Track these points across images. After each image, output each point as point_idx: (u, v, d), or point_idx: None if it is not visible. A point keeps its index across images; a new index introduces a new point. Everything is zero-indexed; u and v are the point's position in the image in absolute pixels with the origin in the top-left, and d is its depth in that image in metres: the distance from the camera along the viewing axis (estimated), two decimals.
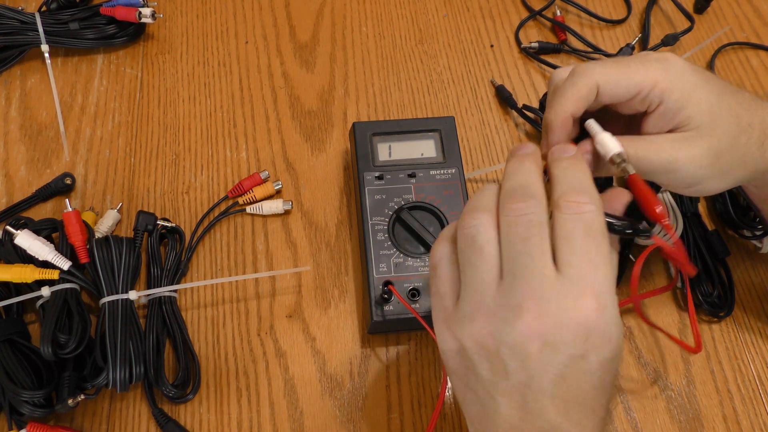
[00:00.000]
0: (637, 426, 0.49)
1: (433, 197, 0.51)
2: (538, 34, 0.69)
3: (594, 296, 0.30)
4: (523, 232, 0.31)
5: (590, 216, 0.31)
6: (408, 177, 0.52)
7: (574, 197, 0.31)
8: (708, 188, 0.39)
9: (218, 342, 0.51)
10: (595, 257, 0.31)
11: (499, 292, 0.31)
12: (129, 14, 0.60)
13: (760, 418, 0.50)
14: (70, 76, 0.62)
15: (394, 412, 0.49)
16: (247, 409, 0.48)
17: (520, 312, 0.30)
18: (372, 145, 0.53)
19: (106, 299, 0.47)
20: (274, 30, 0.67)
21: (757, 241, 0.56)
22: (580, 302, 0.30)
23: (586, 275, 0.30)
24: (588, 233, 0.31)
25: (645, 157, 0.37)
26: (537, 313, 0.30)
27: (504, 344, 0.31)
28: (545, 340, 0.30)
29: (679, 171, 0.37)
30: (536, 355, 0.30)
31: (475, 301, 0.32)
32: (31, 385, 0.43)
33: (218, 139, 0.60)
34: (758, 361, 0.52)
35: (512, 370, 0.31)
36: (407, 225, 0.50)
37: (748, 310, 0.54)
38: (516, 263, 0.31)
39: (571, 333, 0.30)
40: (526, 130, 0.62)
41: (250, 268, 0.54)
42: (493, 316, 0.31)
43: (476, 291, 0.32)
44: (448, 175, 0.52)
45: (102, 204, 0.56)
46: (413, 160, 0.53)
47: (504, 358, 0.31)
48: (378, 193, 0.51)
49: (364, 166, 0.52)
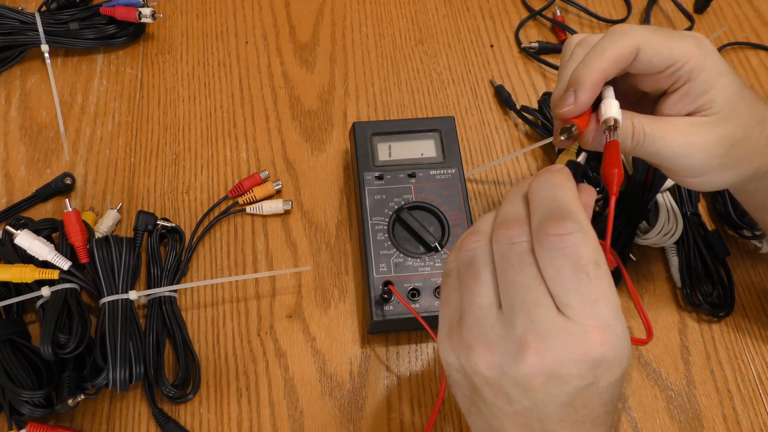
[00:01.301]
0: (637, 426, 0.49)
1: (433, 197, 0.51)
2: (538, 34, 0.69)
3: (599, 330, 0.28)
4: (516, 262, 0.29)
5: (576, 249, 0.28)
6: (408, 177, 0.52)
7: (553, 229, 0.28)
8: (714, 180, 0.39)
9: (218, 342, 0.51)
10: (593, 292, 0.28)
11: (498, 322, 0.30)
12: (129, 14, 0.60)
13: (760, 418, 0.50)
14: (70, 76, 0.62)
15: (394, 412, 0.49)
16: (247, 409, 0.48)
17: (523, 347, 0.28)
18: (372, 145, 0.53)
19: (106, 299, 0.47)
20: (274, 30, 0.67)
21: (757, 241, 0.56)
22: (585, 339, 0.28)
23: (587, 313, 0.28)
24: (578, 269, 0.28)
25: (662, 138, 0.36)
26: (540, 349, 0.28)
27: (506, 377, 0.29)
28: (550, 374, 0.28)
29: (693, 156, 0.37)
30: (541, 388, 0.29)
31: (475, 329, 0.30)
32: (31, 385, 0.43)
33: (218, 139, 0.60)
34: (758, 361, 0.52)
35: (516, 399, 0.30)
36: (407, 225, 0.50)
37: (748, 310, 0.54)
38: (513, 295, 0.29)
39: (577, 366, 0.28)
40: (526, 130, 0.62)
41: (250, 268, 0.54)
42: (494, 347, 0.29)
43: (475, 318, 0.30)
44: (448, 175, 0.52)
45: (102, 204, 0.56)
46: (413, 160, 0.53)
47: (507, 389, 0.30)
48: (378, 193, 0.51)
49: (364, 166, 0.52)
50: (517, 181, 0.60)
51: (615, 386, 0.30)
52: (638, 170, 0.55)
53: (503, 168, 0.60)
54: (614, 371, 0.29)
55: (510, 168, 0.60)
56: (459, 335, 0.31)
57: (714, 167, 0.38)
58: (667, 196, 0.55)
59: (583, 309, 0.28)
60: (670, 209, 0.55)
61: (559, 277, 0.28)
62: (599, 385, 0.29)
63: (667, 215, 0.54)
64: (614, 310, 0.29)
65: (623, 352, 0.29)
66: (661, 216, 0.54)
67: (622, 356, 0.29)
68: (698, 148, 0.37)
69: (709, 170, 0.38)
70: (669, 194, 0.56)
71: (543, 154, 0.61)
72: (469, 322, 0.31)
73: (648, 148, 0.37)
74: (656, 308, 0.54)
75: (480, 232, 0.32)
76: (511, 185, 0.59)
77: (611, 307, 0.29)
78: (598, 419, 0.30)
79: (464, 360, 0.31)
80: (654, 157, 0.37)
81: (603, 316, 0.28)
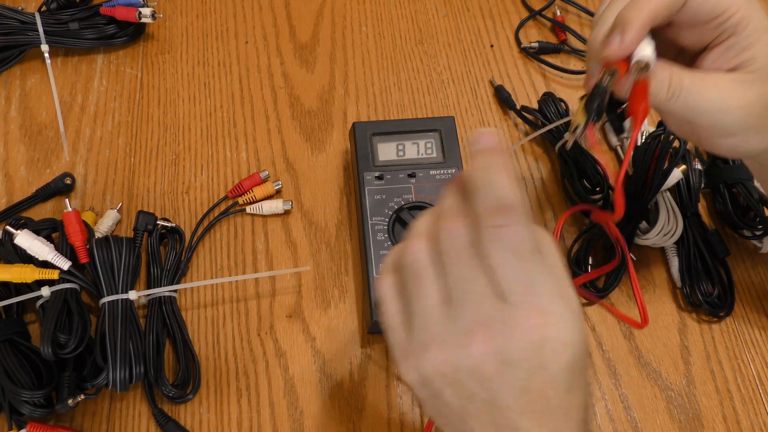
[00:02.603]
0: (637, 426, 0.49)
1: (433, 197, 0.51)
2: (538, 34, 0.69)
3: (539, 314, 0.29)
4: (455, 256, 0.30)
5: (516, 237, 0.29)
6: (408, 177, 0.52)
7: (496, 220, 0.29)
8: (746, 143, 0.38)
9: (218, 342, 0.51)
10: (532, 277, 0.29)
11: (446, 318, 0.30)
12: (129, 14, 0.60)
13: (760, 418, 0.50)
14: (70, 76, 0.62)
15: (394, 412, 0.49)
16: (247, 409, 0.48)
17: (470, 336, 0.29)
18: (372, 145, 0.53)
19: (106, 299, 0.47)
20: (274, 30, 0.67)
21: (757, 241, 0.56)
22: (526, 322, 0.29)
23: (527, 297, 0.29)
24: (519, 257, 0.29)
25: (699, 92, 0.36)
26: (485, 336, 0.29)
27: (461, 370, 0.30)
28: (500, 359, 0.29)
29: (730, 113, 0.36)
30: (495, 375, 0.30)
31: (425, 331, 0.31)
32: (31, 385, 0.43)
33: (218, 139, 0.60)
34: (758, 361, 0.52)
35: (475, 392, 0.30)
36: (407, 225, 0.50)
37: (748, 310, 0.54)
38: (456, 288, 0.30)
39: (523, 349, 0.29)
40: (526, 130, 0.62)
41: (250, 268, 0.54)
42: (445, 343, 0.30)
43: (424, 320, 0.31)
44: (448, 174, 0.52)
45: (102, 204, 0.56)
46: (413, 160, 0.53)
47: (465, 383, 0.30)
48: (378, 193, 0.51)
49: (364, 166, 0.52)
50: (515, 178, 0.59)
51: (571, 373, 0.30)
52: (638, 170, 0.55)
53: None
54: (563, 354, 0.29)
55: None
56: (411, 344, 0.32)
57: (749, 127, 0.37)
58: (667, 196, 0.55)
59: (524, 293, 0.29)
60: (670, 209, 0.55)
61: (501, 265, 0.29)
62: (550, 369, 0.29)
63: (667, 215, 0.54)
64: (556, 293, 0.30)
65: (569, 334, 0.29)
66: (661, 216, 0.54)
67: (568, 338, 0.29)
68: (736, 104, 0.36)
69: (744, 130, 0.37)
70: (669, 194, 0.56)
71: (542, 153, 0.61)
72: (418, 327, 0.31)
73: (684, 101, 0.36)
74: (656, 308, 0.54)
75: (416, 234, 0.32)
76: None
77: (553, 290, 0.29)
78: (559, 408, 0.30)
79: (421, 367, 0.31)
80: (689, 111, 0.37)
81: (543, 298, 0.29)
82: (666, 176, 0.54)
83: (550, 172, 0.60)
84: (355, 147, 0.53)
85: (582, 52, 0.67)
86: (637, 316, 0.52)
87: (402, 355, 0.32)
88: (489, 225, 0.29)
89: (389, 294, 0.33)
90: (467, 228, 0.30)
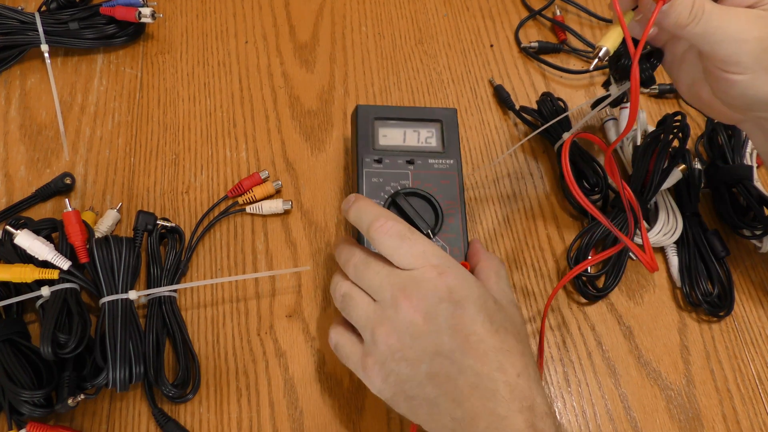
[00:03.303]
0: (637, 426, 0.49)
1: (429, 185, 0.50)
2: (537, 33, 0.69)
3: (434, 268, 0.39)
4: (363, 267, 0.41)
5: (394, 228, 0.40)
6: (407, 163, 0.51)
7: (375, 226, 0.41)
8: (756, 83, 0.40)
9: (218, 342, 0.51)
10: (418, 247, 0.40)
11: (377, 306, 0.40)
12: (129, 14, 0.60)
13: (760, 418, 0.50)
14: (70, 76, 0.62)
15: (393, 411, 0.49)
16: (247, 409, 0.48)
17: (396, 303, 0.39)
18: (373, 128, 0.53)
19: (106, 299, 0.47)
20: (274, 30, 0.67)
21: (756, 241, 0.56)
22: (427, 276, 0.39)
23: (421, 261, 0.39)
24: (401, 238, 0.40)
25: (719, 19, 0.38)
26: (406, 296, 0.38)
27: (403, 333, 0.38)
28: (424, 311, 0.38)
29: (747, 44, 0.38)
30: (426, 325, 0.38)
31: (368, 326, 0.40)
32: (31, 384, 0.43)
33: (218, 138, 0.60)
34: (758, 360, 0.52)
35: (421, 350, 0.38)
36: (402, 210, 0.49)
37: (747, 309, 0.54)
38: (373, 284, 0.40)
39: (435, 296, 0.38)
40: (526, 130, 0.62)
41: (250, 268, 0.54)
42: (382, 320, 0.39)
43: (364, 319, 0.40)
44: (446, 165, 0.52)
45: (102, 204, 0.56)
46: (413, 147, 0.53)
47: (410, 345, 0.38)
48: (375, 176, 0.51)
49: (364, 148, 0.52)
50: (515, 177, 0.60)
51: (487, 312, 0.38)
52: (638, 170, 0.55)
53: (502, 167, 0.60)
54: (471, 293, 0.39)
55: (510, 166, 0.60)
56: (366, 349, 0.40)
57: (763, 65, 0.39)
58: (667, 195, 0.55)
59: (417, 260, 0.39)
60: (670, 209, 0.55)
61: (393, 250, 0.40)
62: (467, 308, 0.38)
63: (666, 215, 0.54)
64: (439, 255, 0.40)
65: (468, 282, 0.39)
66: (661, 215, 0.54)
67: (468, 285, 0.39)
68: (754, 35, 0.38)
69: (758, 66, 0.39)
70: (669, 194, 0.56)
71: (542, 153, 0.61)
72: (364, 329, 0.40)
73: (704, 25, 0.38)
74: (656, 308, 0.54)
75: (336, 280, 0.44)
76: (510, 183, 0.59)
77: (436, 253, 0.40)
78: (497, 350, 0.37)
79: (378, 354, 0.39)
80: (708, 36, 0.38)
81: (432, 259, 0.39)
82: (666, 175, 0.54)
83: (550, 171, 0.60)
84: (356, 129, 0.53)
85: (582, 52, 0.67)
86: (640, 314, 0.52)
87: (363, 364, 0.40)
88: (374, 229, 0.40)
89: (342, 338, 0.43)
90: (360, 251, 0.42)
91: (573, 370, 0.51)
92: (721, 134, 0.58)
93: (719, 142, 0.58)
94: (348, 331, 0.43)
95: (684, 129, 0.55)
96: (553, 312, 0.53)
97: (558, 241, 0.57)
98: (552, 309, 0.53)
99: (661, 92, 0.65)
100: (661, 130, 0.55)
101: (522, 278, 0.55)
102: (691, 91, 0.46)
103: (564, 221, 0.58)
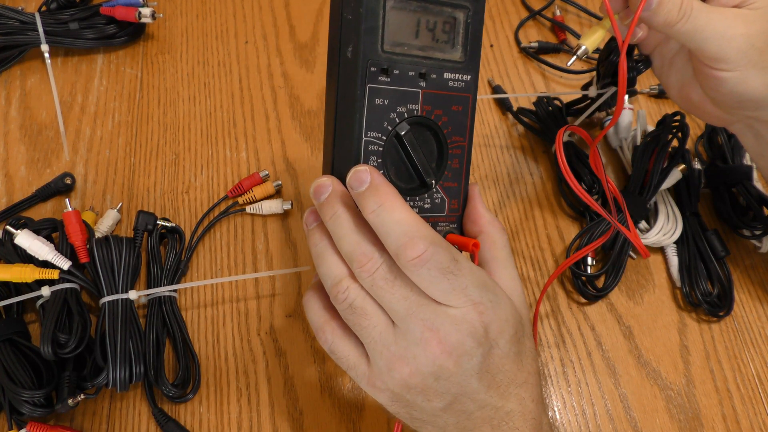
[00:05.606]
0: (637, 426, 0.49)
1: (440, 112, 0.39)
2: (537, 33, 0.69)
3: (474, 306, 0.33)
4: (383, 285, 0.34)
5: (435, 260, 0.32)
6: (419, 77, 0.37)
7: (410, 254, 0.32)
8: (747, 78, 0.40)
9: (218, 342, 0.51)
10: (461, 283, 0.33)
11: (398, 337, 0.34)
12: (129, 14, 0.60)
13: (760, 418, 0.50)
14: (70, 76, 0.62)
15: None
16: (247, 409, 0.48)
17: (424, 343, 0.33)
18: (385, 15, 0.36)
19: (106, 299, 0.47)
20: (274, 30, 0.67)
21: (756, 241, 0.56)
22: (468, 317, 0.33)
23: (462, 299, 0.33)
24: (443, 273, 0.33)
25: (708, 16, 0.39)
26: (439, 338, 0.33)
27: (426, 375, 0.33)
28: (457, 354, 0.33)
29: (734, 40, 0.39)
30: (456, 368, 0.33)
31: (384, 355, 0.34)
32: (31, 384, 0.43)
33: (218, 138, 0.60)
34: (758, 360, 0.52)
35: (444, 390, 0.34)
36: (406, 150, 0.38)
37: (747, 309, 0.54)
38: (398, 310, 0.34)
39: (472, 339, 0.33)
40: (524, 130, 0.62)
41: (250, 268, 0.54)
42: (405, 357, 0.34)
43: (380, 344, 0.34)
44: (462, 83, 0.39)
45: (102, 204, 0.56)
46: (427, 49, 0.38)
47: (432, 386, 0.34)
48: (380, 95, 0.36)
49: (370, 50, 0.36)
50: (515, 179, 0.60)
51: (517, 343, 0.35)
52: (637, 170, 0.55)
53: (502, 167, 0.60)
54: (506, 329, 0.34)
55: (510, 167, 0.60)
56: (374, 371, 0.35)
57: (752, 61, 0.39)
58: (667, 195, 0.55)
59: (458, 298, 0.33)
60: (670, 209, 0.55)
61: (431, 284, 0.33)
62: (500, 345, 0.34)
63: (666, 215, 0.54)
64: (481, 287, 0.34)
65: (503, 312, 0.34)
66: (660, 215, 0.54)
67: (503, 316, 0.34)
68: (741, 32, 0.39)
69: (746, 63, 0.39)
70: (669, 194, 0.56)
71: (542, 154, 0.61)
72: (376, 353, 0.35)
73: (693, 22, 0.39)
74: (656, 307, 0.54)
75: (338, 278, 0.35)
76: (510, 184, 0.59)
77: (478, 286, 0.34)
78: (516, 376, 0.35)
79: (392, 385, 0.34)
80: (696, 34, 0.39)
81: (474, 295, 0.33)
82: (665, 175, 0.54)
83: (549, 172, 0.60)
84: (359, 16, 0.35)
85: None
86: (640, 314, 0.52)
87: (369, 383, 0.36)
88: (409, 259, 0.32)
89: (337, 341, 0.37)
90: (382, 259, 0.34)
91: (573, 370, 0.51)
92: (720, 134, 0.58)
93: (719, 142, 0.58)
94: (346, 334, 0.37)
95: (683, 129, 0.55)
96: (553, 312, 0.53)
97: (558, 241, 0.57)
98: (552, 309, 0.54)
99: (660, 92, 0.65)
100: (660, 130, 0.55)
101: (522, 278, 0.55)
102: (681, 94, 0.46)
103: (564, 222, 0.58)
